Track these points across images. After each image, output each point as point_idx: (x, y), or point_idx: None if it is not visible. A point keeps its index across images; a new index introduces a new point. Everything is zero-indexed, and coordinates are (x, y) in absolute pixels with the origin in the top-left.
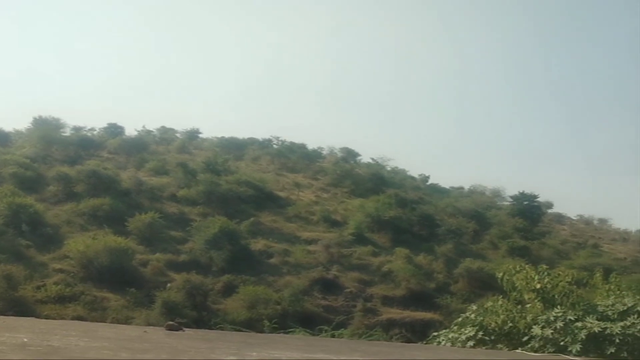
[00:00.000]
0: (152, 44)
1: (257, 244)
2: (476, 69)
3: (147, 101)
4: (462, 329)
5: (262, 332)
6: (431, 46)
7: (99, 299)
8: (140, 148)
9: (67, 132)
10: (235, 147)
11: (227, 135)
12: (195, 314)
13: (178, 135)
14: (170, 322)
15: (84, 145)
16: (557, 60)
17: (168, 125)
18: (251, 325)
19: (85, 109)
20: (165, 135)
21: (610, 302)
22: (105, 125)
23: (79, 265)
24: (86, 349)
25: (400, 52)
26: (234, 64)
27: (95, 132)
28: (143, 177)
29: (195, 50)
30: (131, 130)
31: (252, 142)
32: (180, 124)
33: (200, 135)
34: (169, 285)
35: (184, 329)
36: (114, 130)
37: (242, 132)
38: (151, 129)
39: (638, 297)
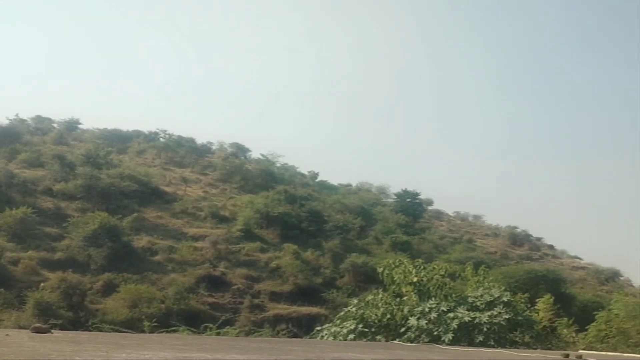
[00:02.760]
0: (32, 27)
1: (141, 241)
2: (364, 67)
3: (21, 88)
4: (344, 323)
5: (143, 332)
6: (320, 43)
7: None
8: (12, 138)
9: None
10: (119, 140)
11: (109, 126)
12: (71, 314)
13: (55, 125)
14: (37, 324)
15: None
16: (436, 60)
17: (44, 114)
18: (132, 325)
19: None
20: (41, 125)
21: (479, 293)
22: None
23: None
24: None
25: (292, 48)
26: (124, 55)
27: None
28: (15, 170)
29: (81, 37)
30: (2, 118)
31: (137, 134)
32: (58, 113)
33: (80, 126)
34: (42, 284)
35: (52, 331)
36: None
37: (126, 124)
38: (25, 118)
39: (503, 288)
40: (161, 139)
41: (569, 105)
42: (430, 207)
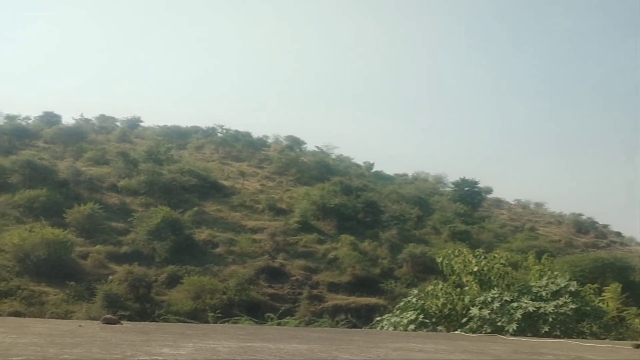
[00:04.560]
0: (91, 30)
1: (202, 234)
2: (417, 58)
3: (86, 89)
4: (404, 313)
5: (207, 322)
6: (373, 38)
7: (37, 293)
8: (78, 137)
9: (0, 121)
10: (178, 136)
11: (169, 123)
12: (138, 306)
13: (118, 123)
14: (107, 316)
15: (18, 134)
16: (497, 52)
17: (108, 113)
18: (196, 315)
19: (18, 96)
20: (105, 123)
21: (543, 283)
22: (40, 113)
23: (14, 259)
24: (11, 345)
25: (346, 42)
26: (179, 52)
27: (30, 121)
28: (81, 167)
29: (138, 39)
30: (68, 118)
31: (195, 130)
32: (120, 112)
33: (142, 124)
34: (110, 277)
35: (122, 322)
36: (50, 118)
37: (185, 121)
38: (90, 118)
39: (569, 277)
40: (219, 134)
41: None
42: (489, 196)
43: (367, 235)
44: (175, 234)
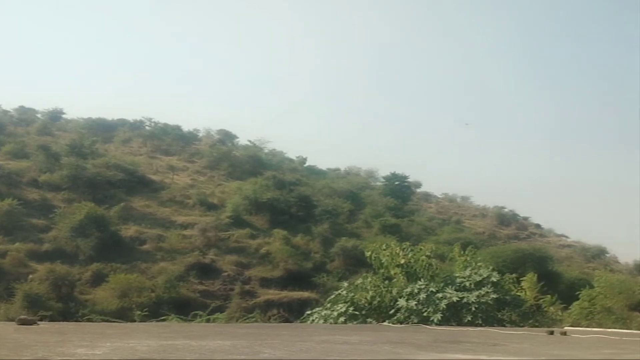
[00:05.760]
0: (7, 16)
1: (129, 230)
2: (346, 52)
3: (2, 79)
4: (335, 306)
5: (134, 321)
6: (306, 28)
7: None
8: None
9: None
10: (104, 129)
11: (94, 116)
12: (61, 306)
13: (39, 115)
14: (23, 316)
15: None
16: (426, 45)
17: (27, 104)
18: (123, 314)
19: None
20: (24, 115)
21: (467, 274)
22: None
23: None
24: None
25: (273, 35)
26: (108, 43)
27: None
28: None
29: (58, 25)
30: None
31: (122, 123)
32: (40, 103)
33: (64, 116)
34: (30, 276)
35: (39, 322)
36: None
37: (110, 113)
38: (8, 109)
39: (491, 268)
40: (147, 127)
41: (554, 92)
42: (418, 190)
43: (299, 229)
44: (101, 230)
